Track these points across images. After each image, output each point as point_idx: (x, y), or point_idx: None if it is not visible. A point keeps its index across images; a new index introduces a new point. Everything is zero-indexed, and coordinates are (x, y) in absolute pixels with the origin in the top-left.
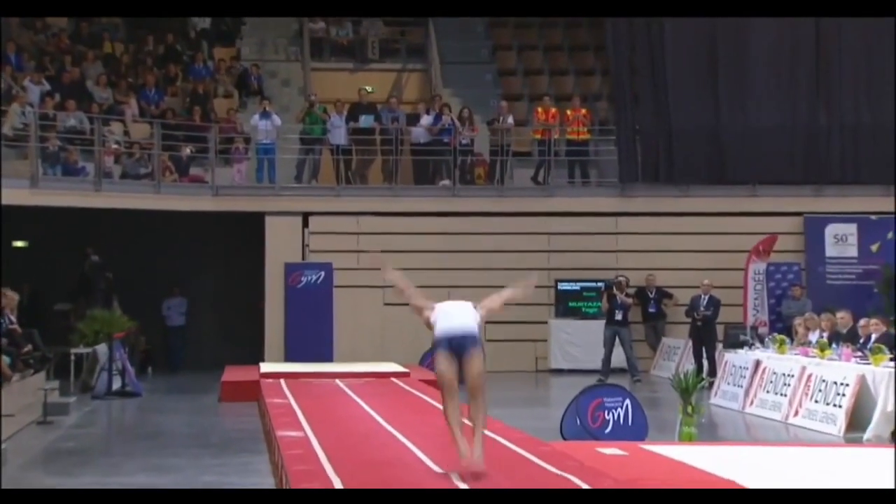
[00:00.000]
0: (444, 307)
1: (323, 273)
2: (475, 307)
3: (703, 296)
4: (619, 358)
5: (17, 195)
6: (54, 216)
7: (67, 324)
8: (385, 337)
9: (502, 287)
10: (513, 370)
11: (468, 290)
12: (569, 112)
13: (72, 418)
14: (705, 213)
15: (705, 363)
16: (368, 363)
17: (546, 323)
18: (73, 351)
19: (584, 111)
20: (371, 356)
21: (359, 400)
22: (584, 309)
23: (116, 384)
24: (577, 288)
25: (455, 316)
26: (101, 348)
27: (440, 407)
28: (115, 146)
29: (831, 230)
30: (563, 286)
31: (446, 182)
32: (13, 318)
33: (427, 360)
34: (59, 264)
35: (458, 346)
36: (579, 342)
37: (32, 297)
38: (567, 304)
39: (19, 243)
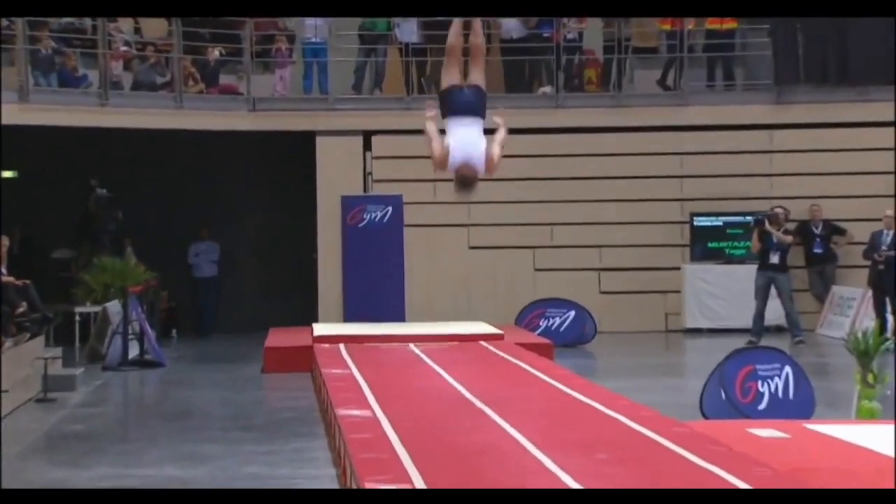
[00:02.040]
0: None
1: (390, 208)
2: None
3: (886, 231)
4: (775, 313)
5: (3, 112)
6: (49, 138)
7: (69, 276)
8: (471, 289)
9: (624, 224)
10: (637, 330)
11: (576, 228)
12: None
13: (79, 395)
14: (889, 122)
15: (889, 318)
16: (450, 323)
17: (679, 269)
18: (78, 310)
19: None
20: (453, 314)
21: (439, 369)
22: (728, 251)
23: (133, 351)
24: (720, 223)
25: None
26: (113, 306)
27: (543, 377)
28: (123, 48)
29: None
30: (700, 221)
31: (547, 89)
32: (3, 270)
33: (525, 318)
34: (57, 200)
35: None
36: (722, 293)
37: (24, 242)
38: (706, 245)
39: (7, 174)
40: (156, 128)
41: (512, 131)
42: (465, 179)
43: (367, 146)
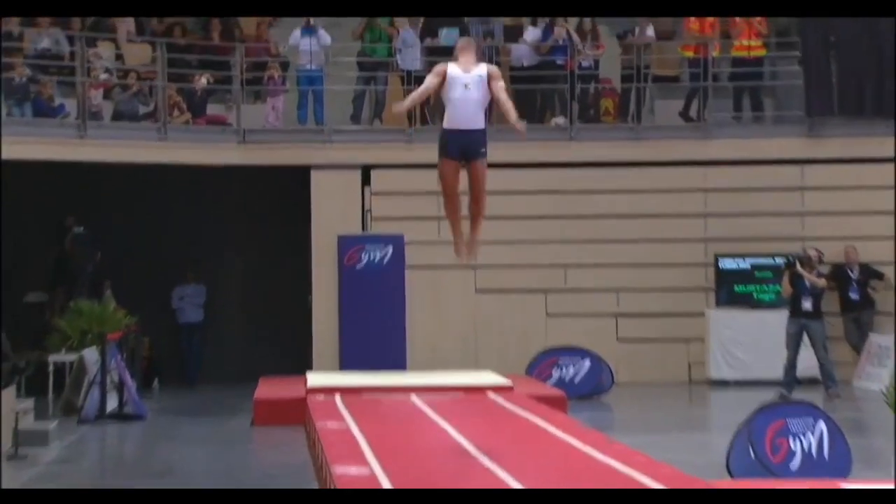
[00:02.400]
0: (452, 76)
1: (391, 248)
2: (486, 73)
3: None
4: (808, 363)
5: None
6: (23, 173)
7: (43, 321)
8: (478, 337)
9: (643, 266)
10: (658, 381)
11: (591, 270)
12: (735, 17)
13: (53, 450)
14: None
15: None
16: (456, 373)
17: (703, 315)
18: (53, 358)
19: (756, 17)
20: (459, 363)
21: (444, 423)
22: (756, 295)
23: (111, 403)
24: (747, 266)
25: (462, 98)
26: (90, 354)
27: (560, 435)
28: (104, 76)
29: None
30: (726, 264)
31: (560, 120)
32: None
33: (536, 367)
34: (30, 240)
35: (462, 147)
36: (749, 342)
37: None
38: (732, 289)
39: None
40: (138, 161)
41: (522, 165)
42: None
43: (365, 181)
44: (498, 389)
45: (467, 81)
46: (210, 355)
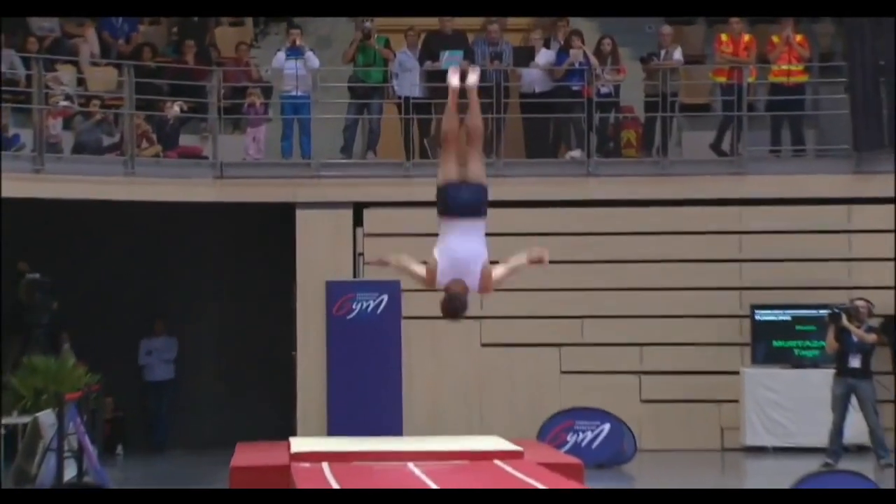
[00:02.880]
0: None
1: (385, 297)
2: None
3: None
4: (856, 428)
5: None
6: None
7: None
8: (484, 396)
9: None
10: (686, 448)
11: (612, 322)
12: (773, 39)
13: None
14: None
15: None
16: (459, 438)
17: (737, 374)
18: (3, 421)
19: (798, 37)
20: (462, 426)
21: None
22: (797, 352)
23: (70, 472)
24: (787, 318)
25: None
26: (46, 417)
27: None
28: (64, 103)
29: None
30: (763, 315)
31: (576, 154)
32: None
33: (549, 431)
34: None
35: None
36: (791, 404)
37: None
38: (770, 345)
39: None
40: (101, 199)
41: (534, 204)
42: (452, 301)
43: (357, 221)
44: (506, 456)
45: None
46: (181, 417)
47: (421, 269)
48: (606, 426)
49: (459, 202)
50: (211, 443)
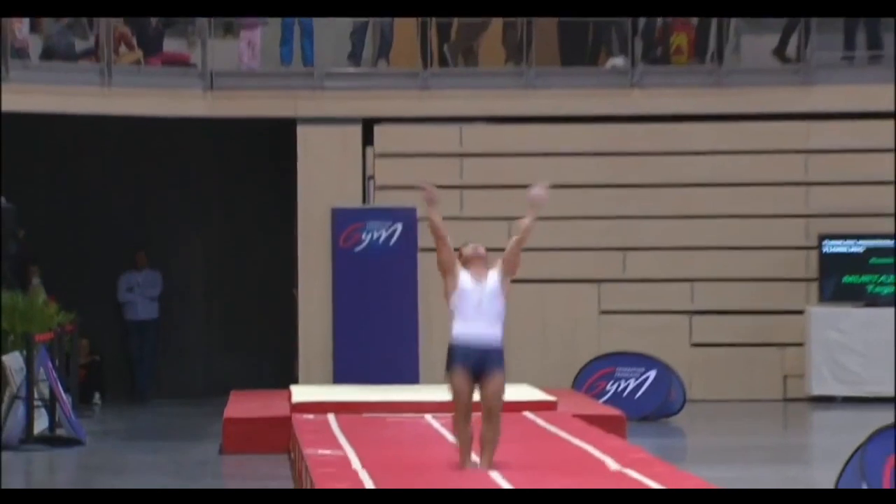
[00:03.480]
0: (464, 290)
1: (400, 226)
2: (499, 277)
3: None
4: None
5: None
6: None
7: None
8: (513, 340)
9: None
10: (743, 398)
11: (658, 255)
12: None
13: None
14: None
15: None
16: None
17: (802, 313)
18: None
19: None
20: None
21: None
22: (871, 288)
23: (41, 424)
24: (859, 250)
25: (474, 316)
26: (13, 361)
27: (612, 463)
28: None
29: None
30: (832, 247)
31: (619, 61)
32: None
33: (587, 379)
34: None
35: (476, 363)
36: (863, 348)
37: None
38: (840, 280)
39: None
40: (74, 112)
41: (570, 120)
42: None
43: (367, 139)
44: (537, 407)
45: (481, 298)
46: (167, 362)
47: (451, 272)
48: (652, 373)
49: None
50: (201, 392)
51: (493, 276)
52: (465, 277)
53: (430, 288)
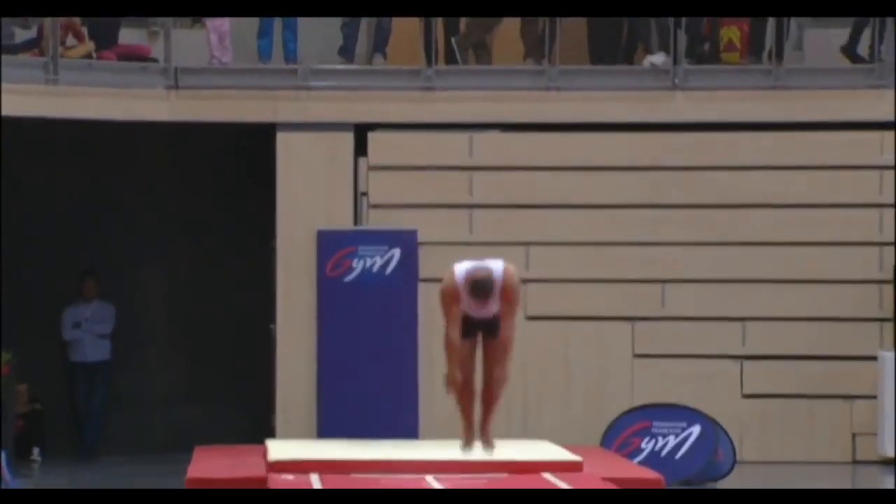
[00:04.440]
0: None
1: (397, 252)
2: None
3: None
4: None
5: None
6: None
7: None
8: (529, 388)
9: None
10: (805, 460)
11: (703, 288)
12: None
13: None
14: None
15: None
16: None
17: (874, 359)
18: None
19: None
20: (500, 428)
21: None
22: None
23: None
24: None
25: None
26: None
27: None
28: None
29: None
30: None
31: (658, 59)
32: None
33: (618, 436)
34: None
35: (480, 326)
36: None
37: None
38: None
39: None
40: (13, 115)
41: (600, 128)
42: (479, 282)
43: (360, 149)
44: (560, 468)
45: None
46: (120, 412)
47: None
48: (695, 429)
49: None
50: (159, 447)
51: (494, 304)
52: (465, 304)
53: (433, 326)
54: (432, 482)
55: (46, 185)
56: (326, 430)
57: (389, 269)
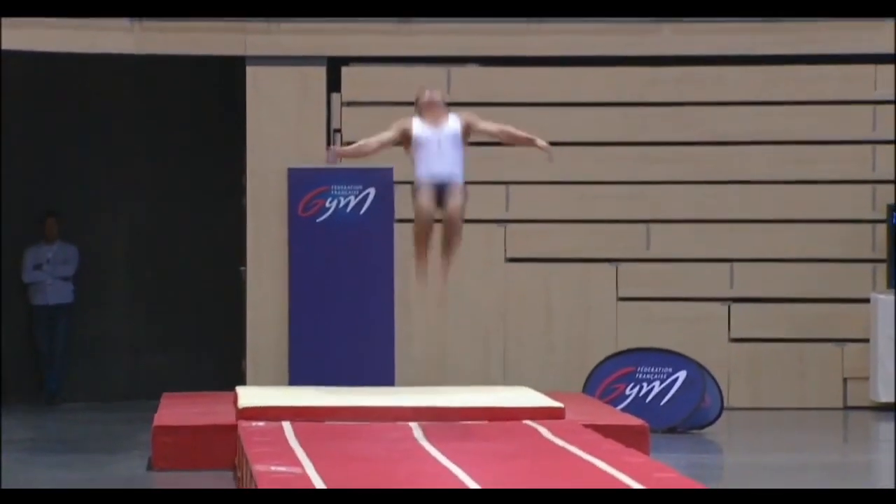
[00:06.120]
0: (419, 137)
1: (372, 190)
2: (460, 124)
3: None
4: None
5: None
6: None
7: None
8: (510, 332)
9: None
10: (794, 406)
11: (689, 228)
12: None
13: None
14: None
15: None
16: (475, 388)
17: (867, 302)
18: None
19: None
20: (480, 374)
21: (456, 469)
22: None
23: None
24: None
25: (436, 158)
26: None
27: (632, 483)
28: None
29: None
30: None
31: None
32: None
33: (601, 380)
34: None
35: (440, 187)
36: None
37: None
38: None
39: None
40: None
41: (584, 61)
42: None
43: (333, 83)
44: (541, 414)
45: (440, 139)
46: (83, 357)
47: (390, 132)
48: (681, 374)
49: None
50: (124, 394)
51: (454, 121)
52: (418, 125)
53: (409, 268)
54: (414, 432)
55: (4, 121)
56: (298, 376)
57: (364, 209)
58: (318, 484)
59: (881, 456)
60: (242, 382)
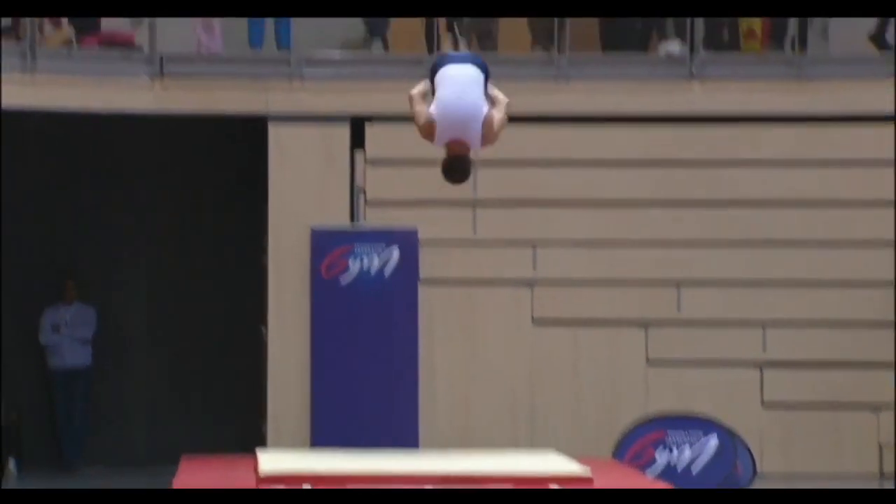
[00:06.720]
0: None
1: (396, 251)
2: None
3: None
4: None
5: None
6: None
7: None
8: (536, 396)
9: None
10: (829, 473)
11: (722, 292)
12: None
13: None
14: None
15: None
16: (500, 454)
17: None
18: None
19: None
20: (506, 438)
21: None
22: None
23: None
24: None
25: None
26: None
27: None
28: None
29: None
30: None
31: (674, 47)
32: None
33: (630, 447)
34: None
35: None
36: None
37: None
38: None
39: None
40: None
41: (614, 120)
42: (455, 162)
43: (357, 142)
44: (569, 482)
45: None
46: (101, 422)
47: (423, 113)
48: (712, 440)
49: (455, 58)
50: (143, 459)
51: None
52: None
53: (434, 330)
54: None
55: (23, 180)
56: (320, 439)
57: (388, 270)
58: None
59: None
60: (263, 445)
